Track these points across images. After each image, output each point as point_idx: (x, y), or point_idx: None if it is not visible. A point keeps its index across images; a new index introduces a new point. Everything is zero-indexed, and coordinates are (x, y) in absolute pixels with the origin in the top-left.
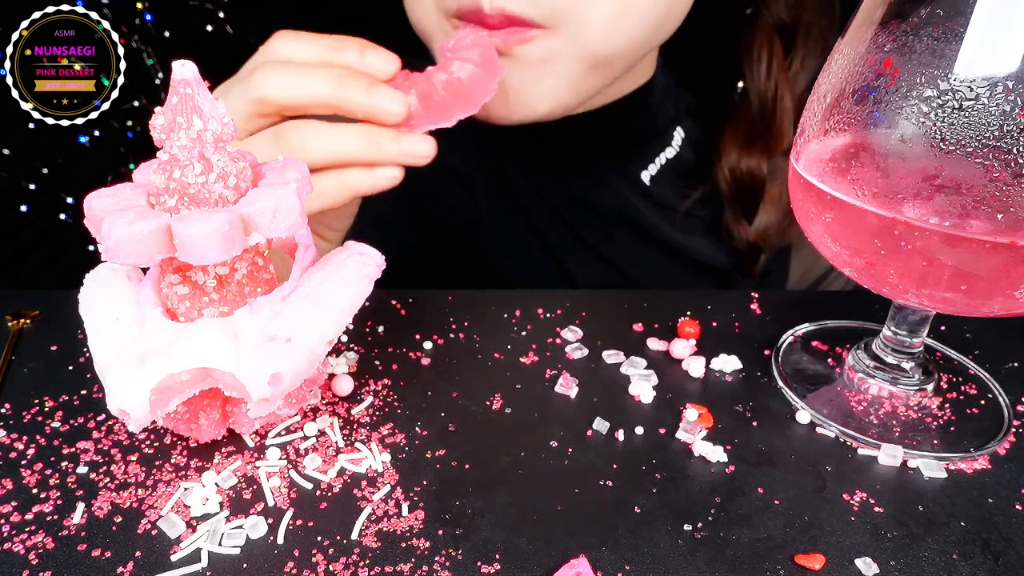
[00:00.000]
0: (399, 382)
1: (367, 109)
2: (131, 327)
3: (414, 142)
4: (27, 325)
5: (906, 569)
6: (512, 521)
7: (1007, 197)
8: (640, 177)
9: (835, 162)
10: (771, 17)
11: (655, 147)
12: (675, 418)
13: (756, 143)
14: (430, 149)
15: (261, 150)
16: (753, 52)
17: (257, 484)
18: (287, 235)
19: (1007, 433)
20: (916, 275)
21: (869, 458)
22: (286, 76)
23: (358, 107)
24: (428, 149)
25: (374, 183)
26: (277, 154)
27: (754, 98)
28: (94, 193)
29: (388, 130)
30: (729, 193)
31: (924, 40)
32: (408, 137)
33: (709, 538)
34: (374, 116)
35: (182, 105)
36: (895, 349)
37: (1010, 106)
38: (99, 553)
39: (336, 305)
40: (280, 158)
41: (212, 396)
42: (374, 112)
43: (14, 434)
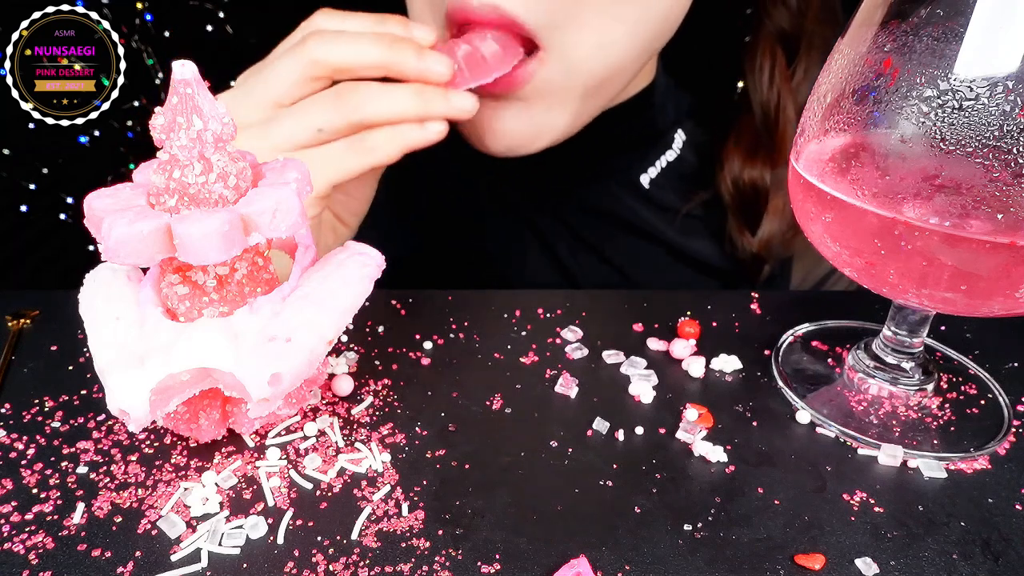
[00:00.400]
0: (399, 382)
1: (419, 69)
2: (131, 327)
3: (461, 98)
4: (27, 325)
5: (906, 569)
6: (512, 521)
7: (1007, 197)
8: (640, 180)
9: (835, 162)
10: (773, 26)
11: (656, 150)
12: (675, 418)
13: (759, 153)
14: (474, 103)
15: (319, 111)
16: (755, 61)
17: (257, 484)
18: (287, 235)
19: (1007, 433)
20: (916, 275)
21: (869, 458)
22: (340, 41)
23: (411, 68)
24: (472, 104)
25: (426, 137)
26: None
27: (756, 108)
28: (94, 193)
29: (437, 88)
30: (732, 203)
31: (924, 40)
32: (455, 94)
33: (709, 538)
34: (425, 76)
35: (182, 105)
36: (895, 349)
37: (1010, 106)
38: (99, 553)
39: (336, 305)
40: (280, 158)
41: (212, 396)
42: (425, 72)
43: (14, 434)
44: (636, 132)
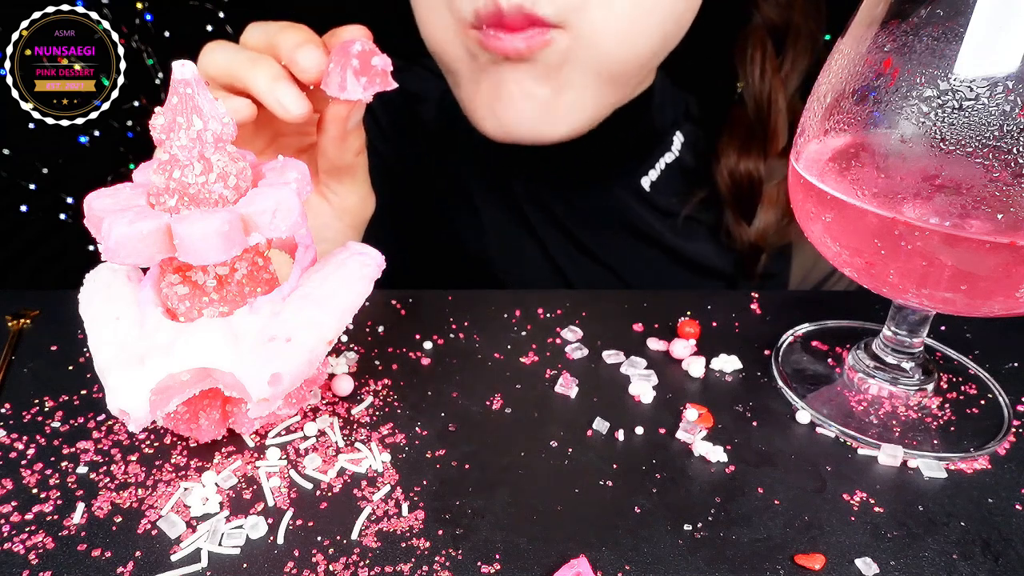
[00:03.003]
0: (399, 382)
1: (266, 97)
2: (131, 327)
3: (286, 93)
4: (27, 325)
5: (906, 569)
6: (512, 521)
7: (1007, 197)
8: (641, 183)
9: (835, 162)
10: (763, 19)
11: (655, 152)
12: (675, 418)
13: (753, 145)
14: (297, 105)
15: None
16: (747, 54)
17: (257, 484)
18: (287, 235)
19: (1007, 433)
20: (916, 275)
21: (869, 458)
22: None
23: (259, 93)
24: (297, 107)
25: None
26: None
27: (749, 100)
28: (94, 193)
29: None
30: (729, 195)
31: (924, 40)
32: (285, 88)
33: (709, 538)
34: (271, 106)
35: (182, 105)
36: (895, 349)
37: (1010, 106)
38: (99, 553)
39: (336, 305)
40: (280, 158)
41: (212, 396)
42: (270, 103)
43: (14, 434)
44: (637, 135)
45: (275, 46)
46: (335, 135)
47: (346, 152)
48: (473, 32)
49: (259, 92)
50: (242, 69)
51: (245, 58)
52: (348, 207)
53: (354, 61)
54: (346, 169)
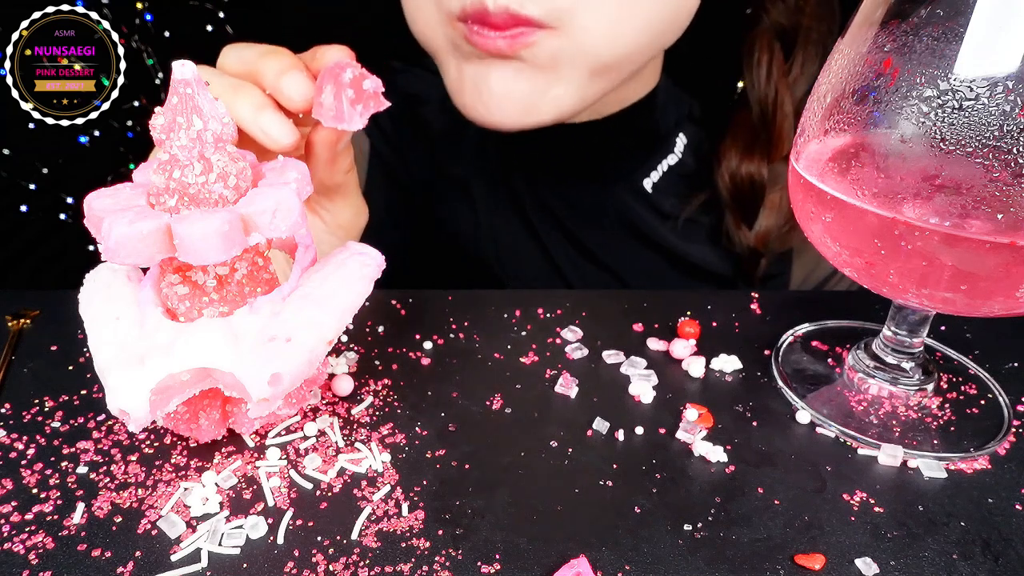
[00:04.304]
0: (399, 382)
1: (251, 127)
2: (131, 327)
3: (272, 122)
4: (27, 325)
5: (906, 569)
6: (512, 521)
7: (1007, 197)
8: (642, 185)
9: (835, 162)
10: (771, 22)
11: (658, 154)
12: (675, 418)
13: (756, 148)
14: (284, 137)
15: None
16: (753, 57)
17: (257, 484)
18: (287, 235)
19: (1007, 433)
20: (916, 275)
21: (869, 458)
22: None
23: (242, 123)
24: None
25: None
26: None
27: (754, 103)
28: (94, 193)
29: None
30: (729, 198)
31: (924, 40)
32: (270, 116)
33: (709, 538)
34: (256, 136)
35: (182, 105)
36: (895, 349)
37: (1010, 106)
38: (99, 553)
39: (336, 305)
40: (280, 158)
41: (212, 396)
42: (255, 133)
43: (14, 434)
44: (639, 137)
45: (256, 73)
46: (326, 159)
47: (336, 173)
48: (459, 25)
49: (242, 122)
50: (223, 98)
51: (227, 85)
52: (341, 223)
53: (348, 91)
54: (336, 188)
